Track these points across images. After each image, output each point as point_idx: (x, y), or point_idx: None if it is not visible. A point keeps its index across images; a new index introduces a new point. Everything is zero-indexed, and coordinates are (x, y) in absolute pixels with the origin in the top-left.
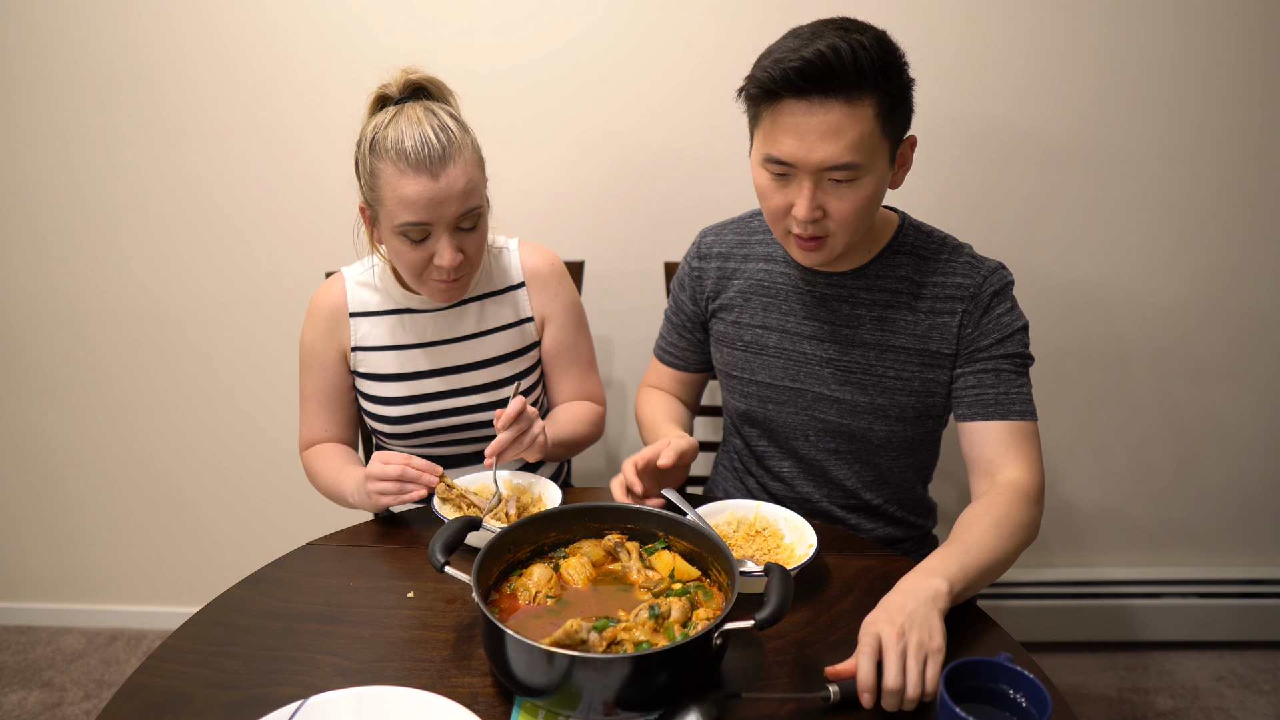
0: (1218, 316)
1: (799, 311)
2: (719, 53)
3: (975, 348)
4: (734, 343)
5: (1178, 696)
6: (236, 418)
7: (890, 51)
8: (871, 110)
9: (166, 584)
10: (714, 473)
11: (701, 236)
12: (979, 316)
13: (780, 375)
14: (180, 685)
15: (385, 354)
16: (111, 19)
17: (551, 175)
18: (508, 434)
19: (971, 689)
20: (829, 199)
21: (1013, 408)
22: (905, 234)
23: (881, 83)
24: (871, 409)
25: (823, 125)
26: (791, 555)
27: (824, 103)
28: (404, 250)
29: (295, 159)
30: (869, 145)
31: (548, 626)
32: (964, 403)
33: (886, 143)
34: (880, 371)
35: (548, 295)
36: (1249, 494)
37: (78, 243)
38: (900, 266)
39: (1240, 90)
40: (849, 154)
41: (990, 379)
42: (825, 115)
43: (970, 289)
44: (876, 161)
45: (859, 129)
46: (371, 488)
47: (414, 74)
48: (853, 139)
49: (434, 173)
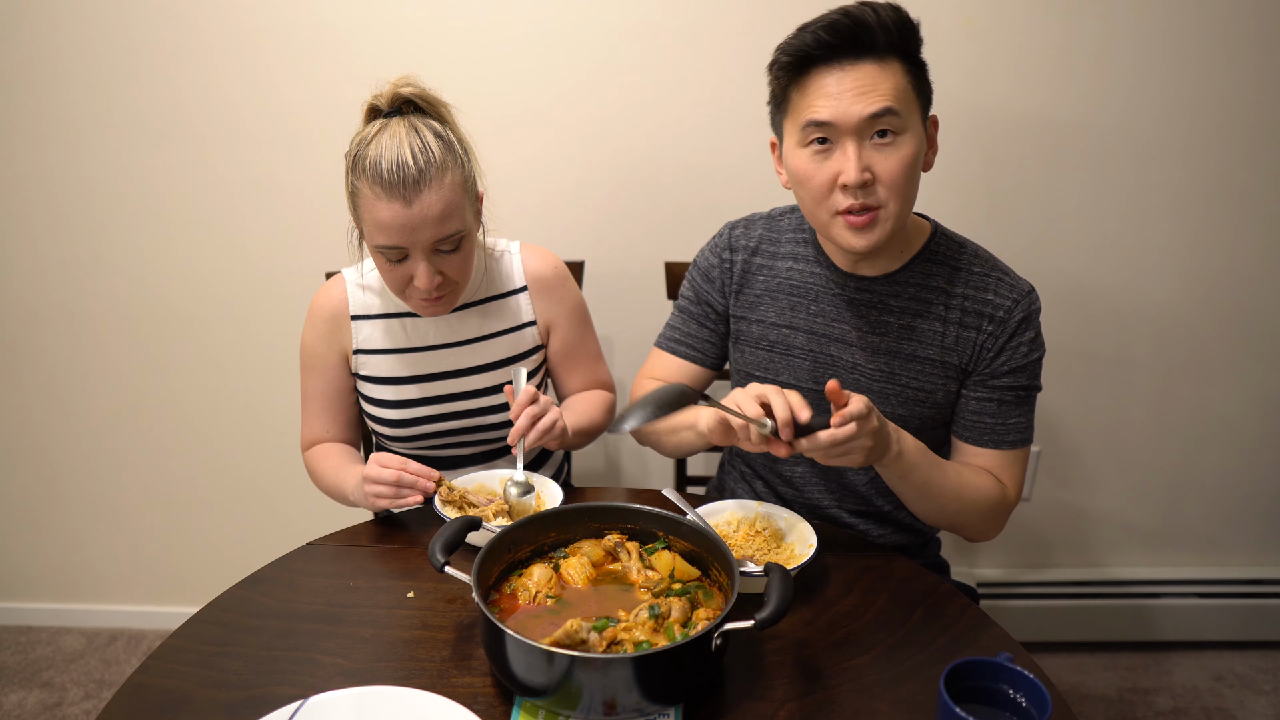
0: (1218, 316)
1: (828, 313)
2: (720, 52)
3: (989, 371)
4: (758, 342)
5: (1178, 696)
6: (237, 417)
7: (910, 22)
8: (900, 69)
9: (166, 584)
10: (720, 474)
11: (729, 229)
12: (1003, 340)
13: (805, 377)
14: (180, 685)
15: (386, 357)
16: (113, 18)
17: (552, 175)
18: (525, 417)
19: (971, 689)
20: (875, 160)
21: (1007, 438)
22: (938, 242)
23: (904, 48)
24: (892, 418)
25: (858, 83)
26: (791, 555)
27: (855, 64)
28: (385, 267)
29: (296, 158)
30: (905, 98)
31: (548, 626)
32: (962, 424)
33: (919, 104)
34: (905, 381)
35: (552, 300)
36: (1249, 494)
37: (79, 242)
38: (933, 276)
39: (1241, 90)
40: (889, 100)
41: (992, 408)
42: (858, 74)
43: (1001, 309)
44: (913, 120)
45: (893, 81)
46: (368, 490)
47: (404, 87)
48: (890, 88)
49: (407, 198)
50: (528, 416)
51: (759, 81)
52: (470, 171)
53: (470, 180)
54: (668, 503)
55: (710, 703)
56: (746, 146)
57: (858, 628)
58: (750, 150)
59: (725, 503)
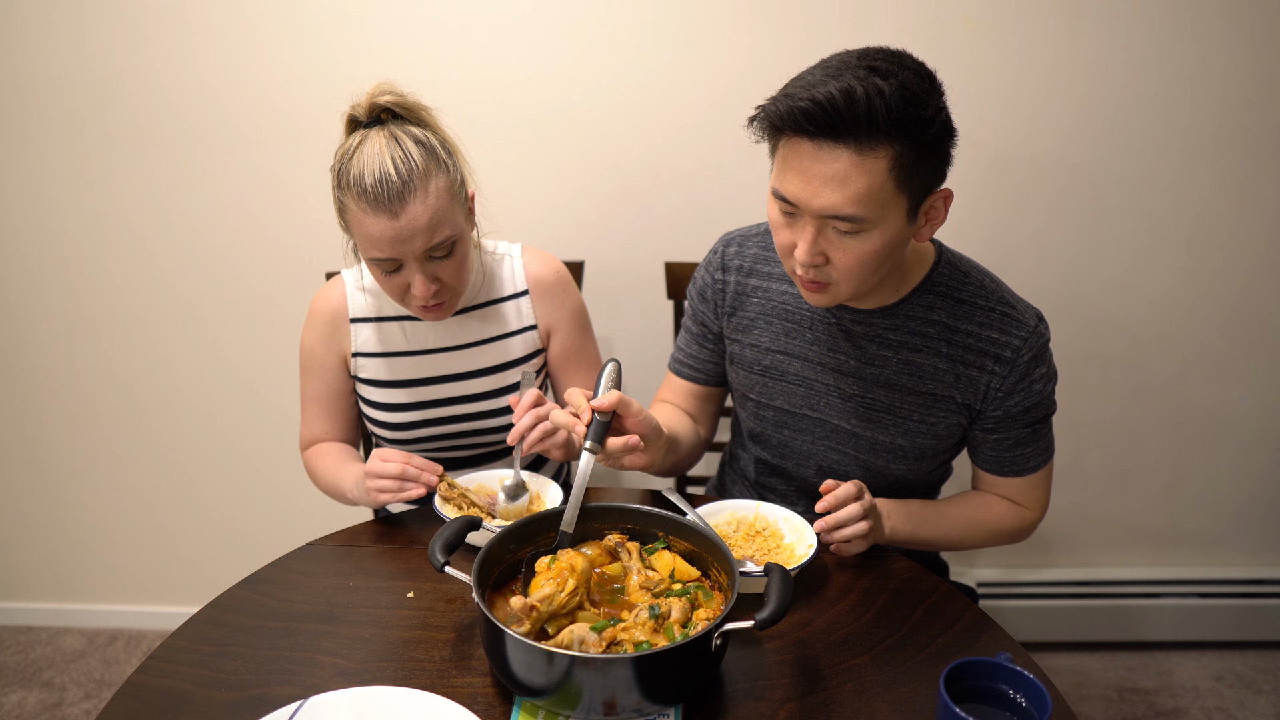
0: (1218, 316)
1: (824, 341)
2: (720, 52)
3: (1003, 413)
4: (752, 366)
5: (1178, 696)
6: (236, 418)
7: (915, 102)
8: (886, 163)
9: (166, 584)
10: (720, 474)
11: (724, 245)
12: (1014, 382)
13: (799, 403)
14: (180, 685)
15: (385, 360)
16: (112, 20)
17: (551, 175)
18: (530, 418)
19: (971, 689)
20: (832, 247)
21: (1026, 465)
22: (940, 273)
23: (899, 134)
24: (891, 448)
25: (829, 171)
26: (791, 555)
27: (832, 148)
28: (380, 278)
29: (296, 159)
30: (878, 199)
31: None
32: (980, 457)
33: (903, 197)
34: (905, 414)
35: (553, 304)
36: (1249, 494)
37: (79, 243)
38: (933, 309)
39: (1240, 90)
40: (852, 206)
41: (1009, 443)
42: (833, 162)
43: (1008, 351)
44: (888, 216)
45: (867, 181)
46: (370, 484)
47: (381, 96)
48: (859, 190)
49: (394, 211)
50: (532, 417)
51: (760, 82)
52: (456, 174)
53: (457, 183)
54: (668, 503)
55: (710, 703)
56: (747, 147)
57: (858, 628)
58: (751, 151)
59: (725, 503)
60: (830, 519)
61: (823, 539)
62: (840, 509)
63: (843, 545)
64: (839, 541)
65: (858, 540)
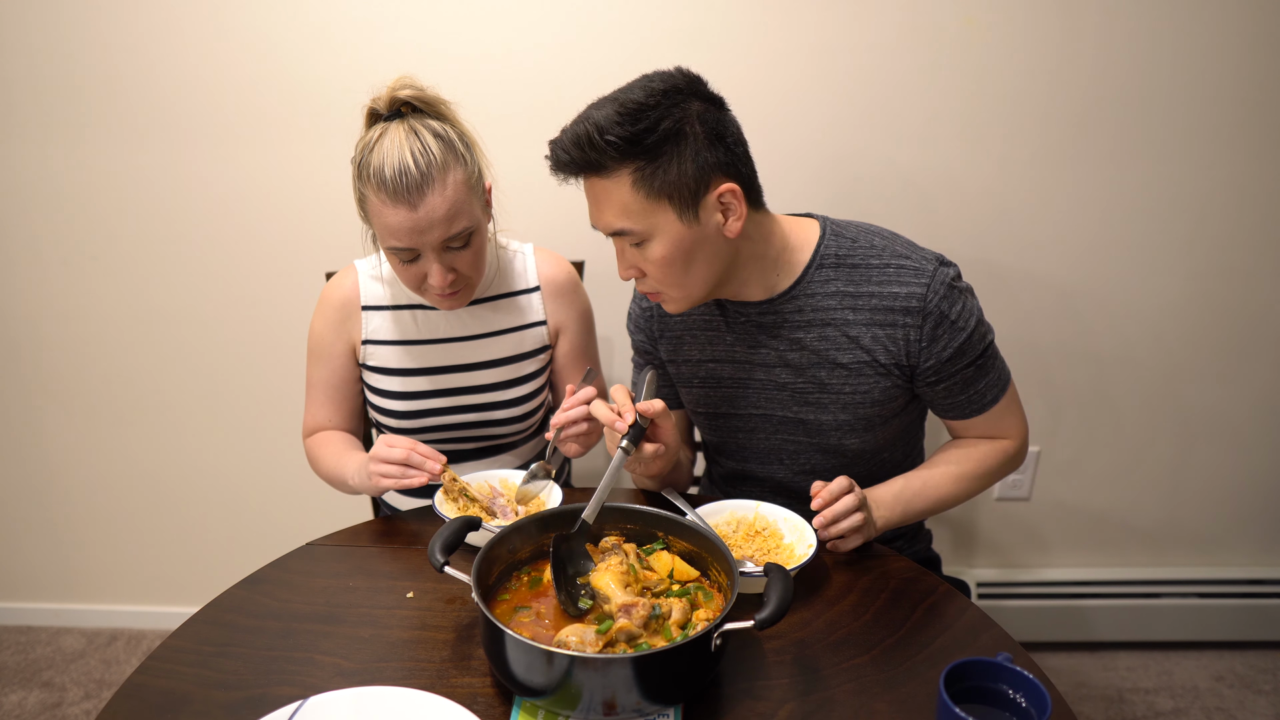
0: (1218, 316)
1: (743, 340)
2: (722, 54)
3: (936, 363)
4: (690, 380)
5: (1178, 696)
6: (236, 418)
7: (627, 122)
8: (628, 180)
9: (166, 584)
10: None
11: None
12: (931, 328)
13: (742, 404)
14: (180, 685)
15: (395, 348)
16: (112, 20)
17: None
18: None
19: (971, 689)
20: (637, 260)
21: (985, 400)
22: (827, 245)
23: (622, 155)
24: (837, 425)
25: (593, 196)
26: (791, 555)
27: (589, 179)
28: (398, 267)
29: (296, 159)
30: (637, 211)
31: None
32: (940, 407)
33: (663, 203)
34: (837, 389)
35: (564, 304)
36: (1249, 494)
37: (78, 243)
38: (830, 282)
39: (1240, 90)
40: (620, 221)
41: (959, 386)
42: (591, 189)
43: (915, 301)
44: (658, 223)
45: (619, 198)
46: (374, 469)
47: (401, 89)
48: (616, 208)
49: (412, 203)
50: (581, 411)
51: (760, 82)
52: (474, 166)
53: (475, 175)
54: (667, 503)
55: (710, 703)
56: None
57: (857, 628)
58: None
59: (725, 503)
60: (828, 513)
61: (821, 535)
62: (834, 504)
63: (838, 542)
64: (838, 535)
65: (853, 535)
